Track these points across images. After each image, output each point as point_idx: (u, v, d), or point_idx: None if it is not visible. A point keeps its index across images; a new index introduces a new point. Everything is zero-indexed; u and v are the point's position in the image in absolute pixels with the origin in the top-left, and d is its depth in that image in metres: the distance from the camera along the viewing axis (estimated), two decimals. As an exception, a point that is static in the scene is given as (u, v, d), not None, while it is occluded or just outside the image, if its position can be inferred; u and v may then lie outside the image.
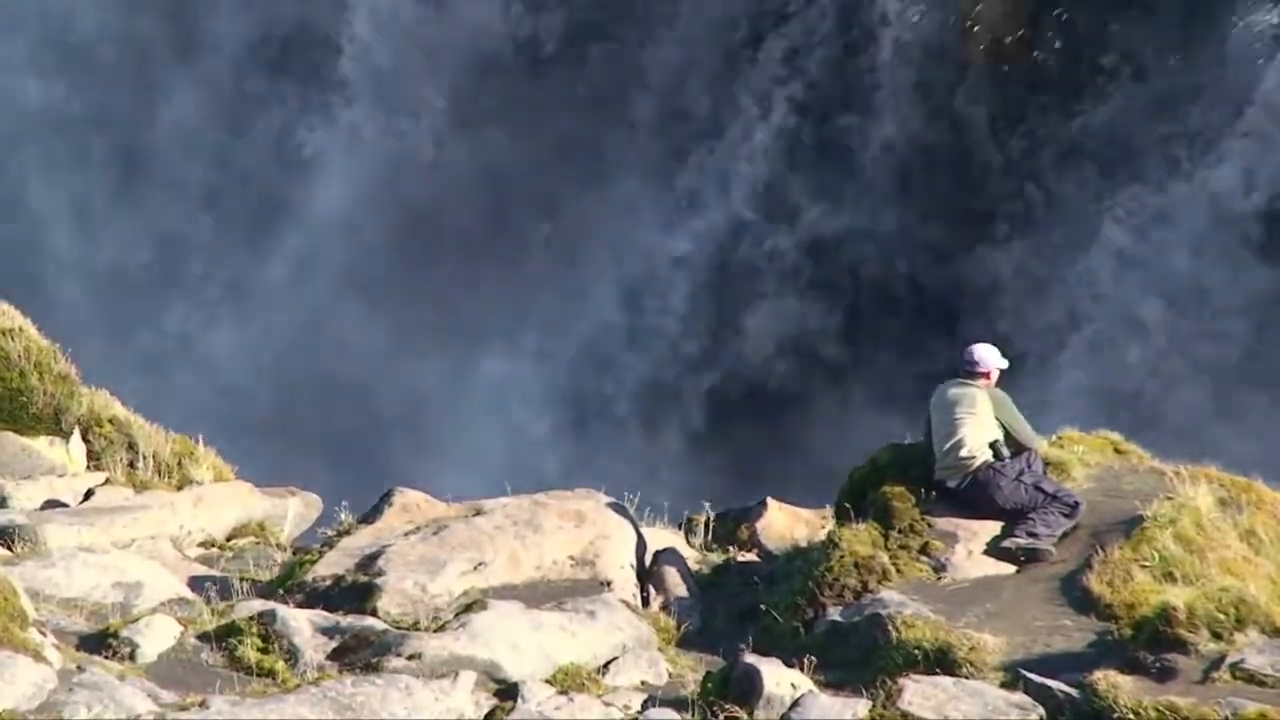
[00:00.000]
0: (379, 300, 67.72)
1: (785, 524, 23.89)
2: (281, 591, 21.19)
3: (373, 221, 69.41)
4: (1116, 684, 18.40)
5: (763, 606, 21.22)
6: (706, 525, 24.47)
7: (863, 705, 18.30)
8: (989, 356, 22.55)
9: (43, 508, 22.70)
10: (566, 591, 20.86)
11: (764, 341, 60.20)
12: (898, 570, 21.12)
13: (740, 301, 61.20)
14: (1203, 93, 54.72)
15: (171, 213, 73.22)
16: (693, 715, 18.43)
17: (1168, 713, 18.02)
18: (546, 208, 66.24)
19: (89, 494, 23.65)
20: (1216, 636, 19.19)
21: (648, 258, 64.10)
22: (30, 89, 75.96)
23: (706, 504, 24.92)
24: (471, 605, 20.09)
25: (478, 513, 22.20)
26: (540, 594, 20.75)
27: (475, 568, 21.05)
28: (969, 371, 22.44)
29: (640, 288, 64.34)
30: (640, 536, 22.45)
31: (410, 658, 18.93)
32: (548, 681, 18.90)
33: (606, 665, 19.54)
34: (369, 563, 21.15)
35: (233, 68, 75.07)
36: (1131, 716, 18.10)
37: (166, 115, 74.95)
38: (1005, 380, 22.87)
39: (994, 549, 21.37)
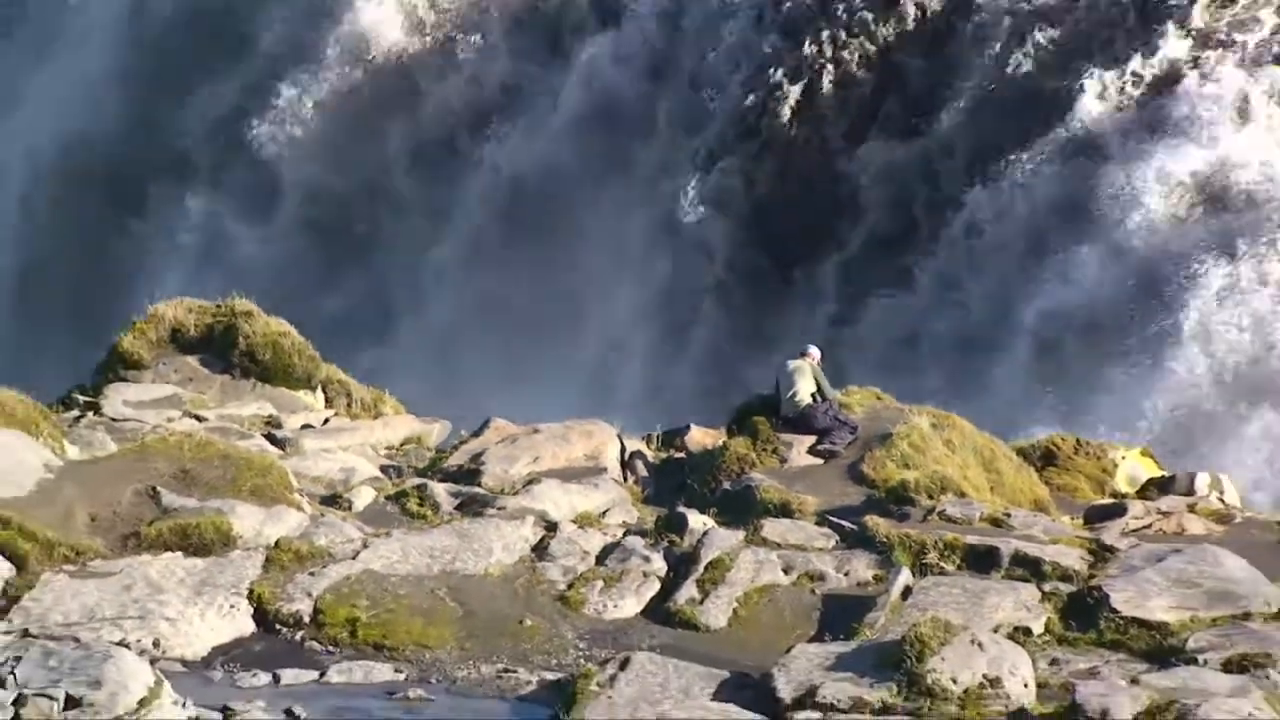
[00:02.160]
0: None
1: (701, 437, 23.66)
2: (430, 473, 21.27)
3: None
4: (877, 522, 18.56)
5: (689, 482, 21.21)
6: (658, 438, 24.39)
7: (741, 534, 18.49)
8: (814, 349, 22.66)
9: (301, 429, 22.77)
10: (583, 474, 20.79)
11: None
12: (760, 462, 21.06)
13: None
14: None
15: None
16: (650, 538, 18.65)
17: (905, 537, 18.19)
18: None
19: (326, 421, 23.62)
20: (930, 497, 19.32)
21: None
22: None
23: (659, 425, 24.78)
24: (531, 481, 20.22)
25: (535, 431, 22.16)
26: (569, 475, 20.66)
27: (534, 460, 21.02)
28: (802, 355, 22.50)
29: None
30: (623, 444, 22.43)
31: (499, 509, 19.06)
32: (573, 521, 19.07)
33: (604, 513, 19.63)
34: (477, 458, 21.17)
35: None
36: (885, 539, 18.29)
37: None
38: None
39: (812, 452, 21.32)
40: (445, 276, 47.21)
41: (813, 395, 21.81)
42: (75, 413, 22.19)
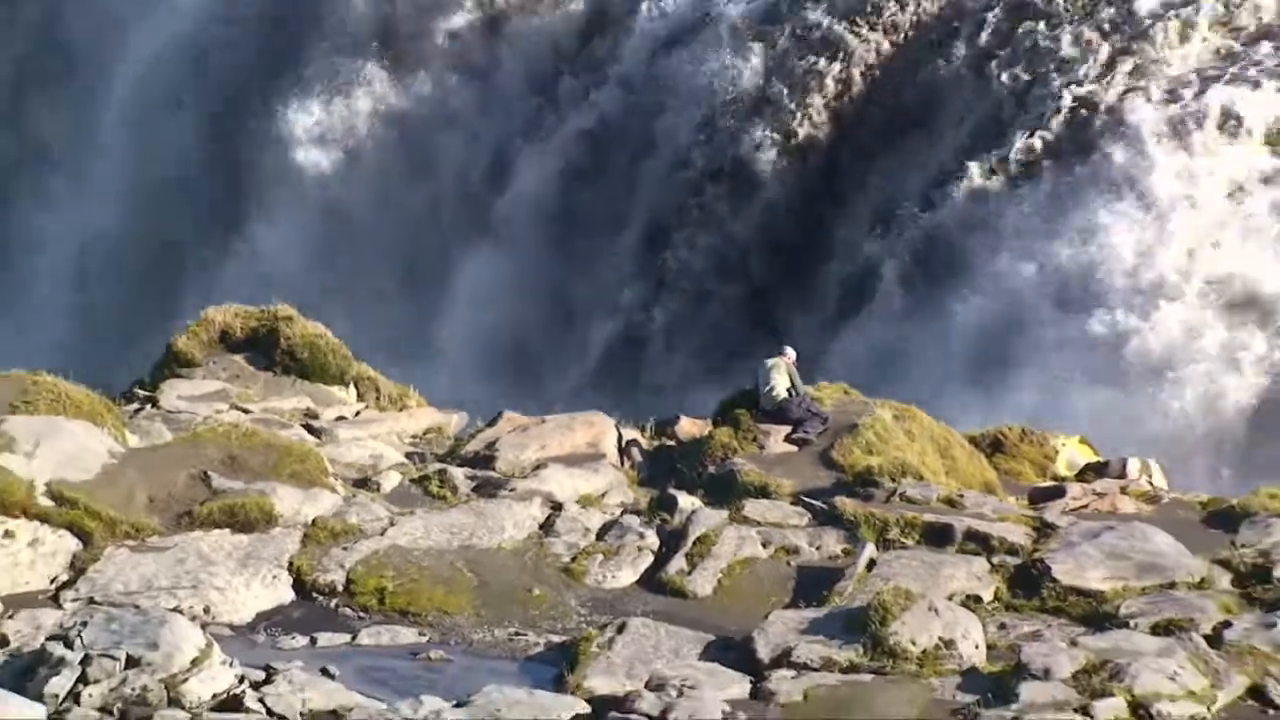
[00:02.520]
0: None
1: (689, 427, 23.50)
2: (449, 459, 21.14)
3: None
4: (845, 503, 18.55)
5: (679, 467, 21.06)
6: (652, 428, 24.24)
7: (725, 513, 18.49)
8: (789, 350, 22.57)
9: (335, 420, 22.67)
10: (585, 459, 20.71)
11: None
12: (742, 449, 20.90)
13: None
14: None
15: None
16: (645, 517, 18.65)
17: (870, 516, 18.19)
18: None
19: (357, 413, 23.54)
20: (892, 480, 19.24)
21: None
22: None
23: (652, 417, 24.60)
24: (540, 465, 20.17)
25: (543, 421, 22.04)
26: (573, 460, 20.58)
27: (541, 448, 20.88)
28: (779, 354, 22.40)
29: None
30: (620, 433, 22.35)
31: (511, 490, 19.05)
32: (576, 501, 19.04)
33: (603, 494, 19.58)
34: (491, 445, 21.03)
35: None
36: (852, 517, 18.29)
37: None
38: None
39: (787, 440, 21.20)
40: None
41: (788, 390, 21.76)
42: (135, 405, 22.17)
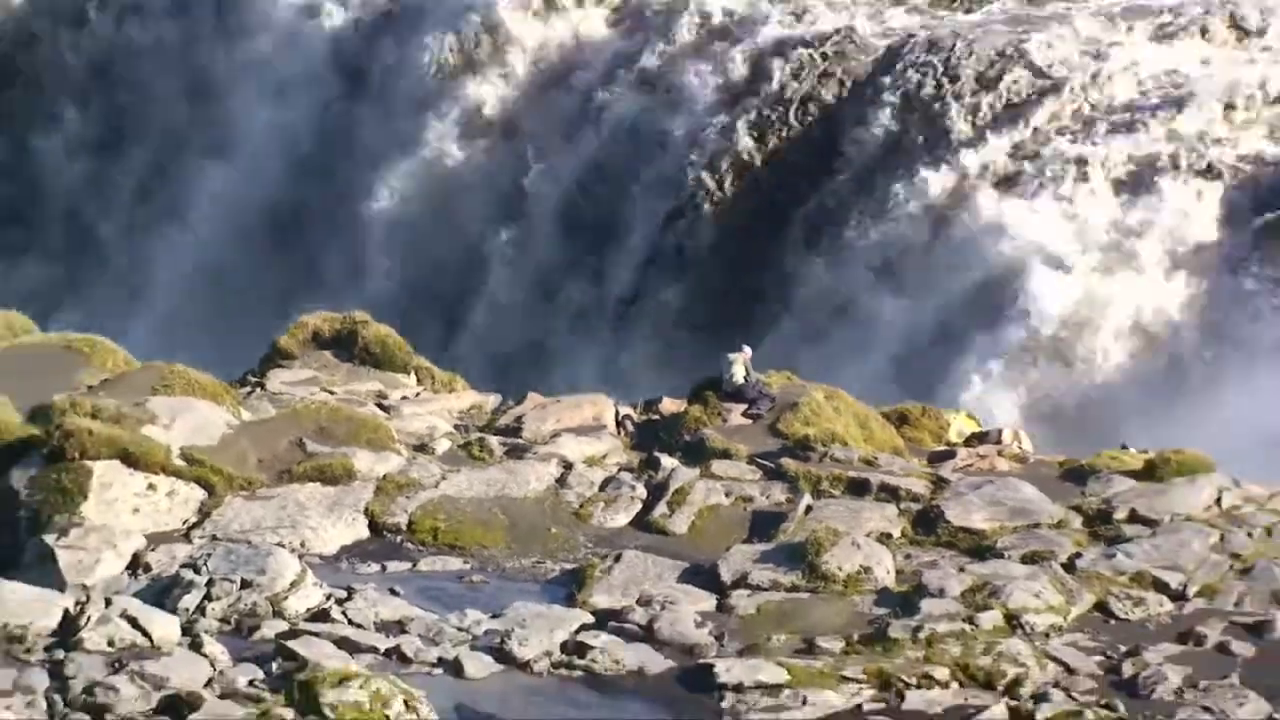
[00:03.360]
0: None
1: (670, 405, 23.11)
2: (487, 429, 20.70)
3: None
4: (788, 463, 18.29)
5: (661, 435, 20.70)
6: (641, 406, 23.90)
7: (697, 470, 18.34)
8: (746, 348, 22.20)
9: (400, 399, 22.36)
10: (589, 430, 20.34)
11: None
12: (709, 422, 20.43)
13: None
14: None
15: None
16: (636, 474, 18.49)
17: (807, 472, 17.98)
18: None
19: (417, 394, 23.25)
20: (824, 445, 18.98)
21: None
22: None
23: (641, 399, 24.22)
24: (556, 434, 19.88)
25: (559, 401, 21.68)
26: (581, 430, 20.21)
27: (557, 421, 20.53)
28: (738, 351, 22.08)
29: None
30: (618, 410, 22.05)
31: (534, 453, 18.90)
32: (583, 461, 18.88)
33: (604, 456, 19.33)
34: (519, 419, 20.62)
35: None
36: (793, 474, 17.92)
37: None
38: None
39: (744, 415, 20.86)
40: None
41: (744, 377, 21.53)
42: (248, 389, 22.06)
